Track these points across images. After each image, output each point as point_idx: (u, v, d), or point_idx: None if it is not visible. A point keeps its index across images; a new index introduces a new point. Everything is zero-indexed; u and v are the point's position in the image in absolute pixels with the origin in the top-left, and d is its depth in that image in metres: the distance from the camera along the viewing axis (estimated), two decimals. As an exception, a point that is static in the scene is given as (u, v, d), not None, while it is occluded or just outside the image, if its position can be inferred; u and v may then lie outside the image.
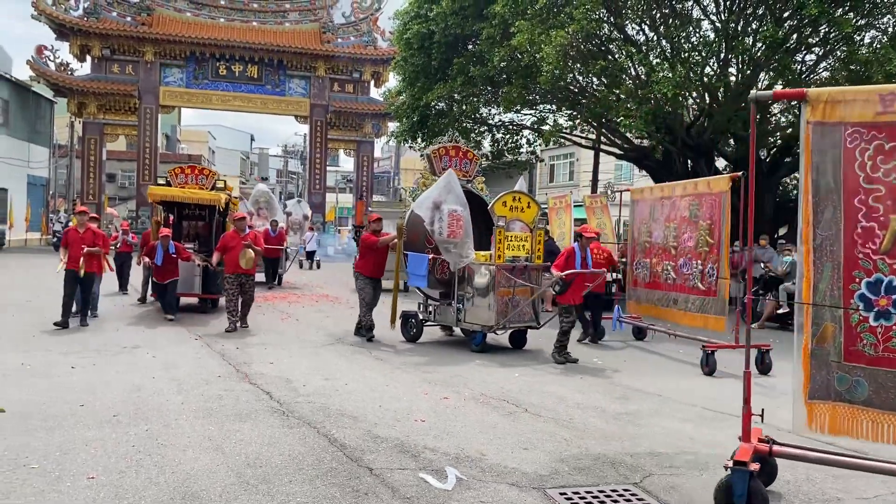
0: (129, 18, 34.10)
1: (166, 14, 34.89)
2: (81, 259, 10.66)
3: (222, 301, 13.14)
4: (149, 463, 4.91)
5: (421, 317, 10.83)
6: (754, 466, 4.26)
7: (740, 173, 10.04)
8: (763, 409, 4.88)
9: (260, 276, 16.84)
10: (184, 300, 13.28)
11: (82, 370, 7.85)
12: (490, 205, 10.00)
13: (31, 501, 4.22)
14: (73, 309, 10.96)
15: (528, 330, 10.41)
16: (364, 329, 10.76)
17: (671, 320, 10.53)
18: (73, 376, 7.54)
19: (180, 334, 10.61)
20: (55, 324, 10.54)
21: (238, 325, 11.11)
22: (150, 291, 13.82)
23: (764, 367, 9.24)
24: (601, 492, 4.69)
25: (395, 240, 10.60)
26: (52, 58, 33.36)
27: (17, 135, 33.49)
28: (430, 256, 10.47)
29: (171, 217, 14.68)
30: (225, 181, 13.93)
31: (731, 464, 4.26)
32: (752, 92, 4.59)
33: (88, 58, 34.05)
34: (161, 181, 13.47)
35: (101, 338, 10.04)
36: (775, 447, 4.59)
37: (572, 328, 9.48)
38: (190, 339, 10.28)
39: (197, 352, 9.32)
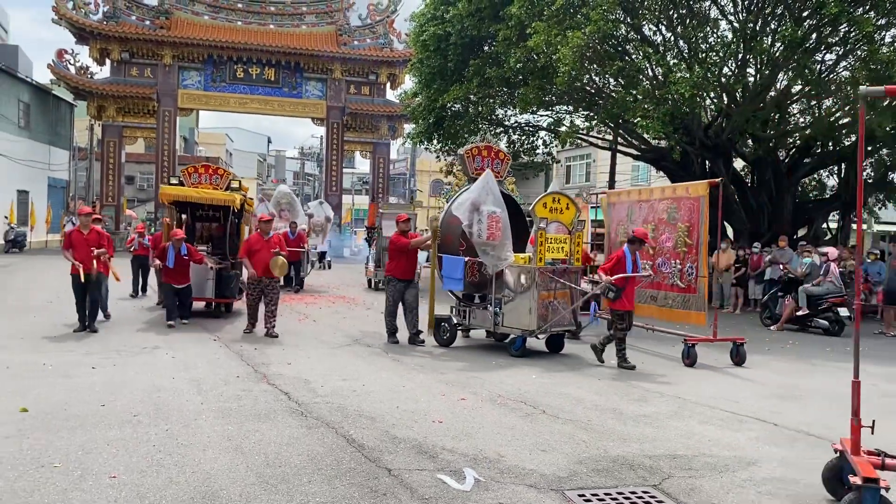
0: (147, 22, 34.41)
1: (184, 17, 35.16)
2: (93, 262, 10.37)
3: (237, 305, 13.16)
4: (169, 462, 4.95)
5: (455, 321, 10.55)
6: (884, 483, 3.96)
7: (719, 180, 11.07)
8: (874, 421, 4.52)
9: None
10: (195, 304, 12.78)
11: (103, 370, 7.92)
12: (531, 206, 9.84)
13: (55, 500, 4.27)
14: (100, 317, 10.99)
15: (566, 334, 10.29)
16: (389, 333, 10.60)
17: (650, 316, 11.11)
18: (94, 376, 7.61)
19: (199, 335, 10.68)
20: (76, 331, 10.40)
21: (254, 327, 10.92)
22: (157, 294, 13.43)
23: (739, 359, 9.74)
24: (620, 494, 4.67)
25: (429, 242, 10.40)
26: (72, 61, 33.70)
27: (38, 138, 33.87)
28: (466, 259, 10.21)
29: (185, 218, 14.25)
30: (240, 181, 13.46)
31: (858, 481, 3.92)
32: (862, 88, 4.49)
33: (108, 61, 34.38)
34: (174, 181, 12.99)
35: (121, 338, 10.13)
36: (888, 460, 4.30)
37: (627, 334, 9.29)
38: (209, 339, 10.35)
39: (215, 352, 9.38)
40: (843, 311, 13.36)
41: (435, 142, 22.83)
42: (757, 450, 5.71)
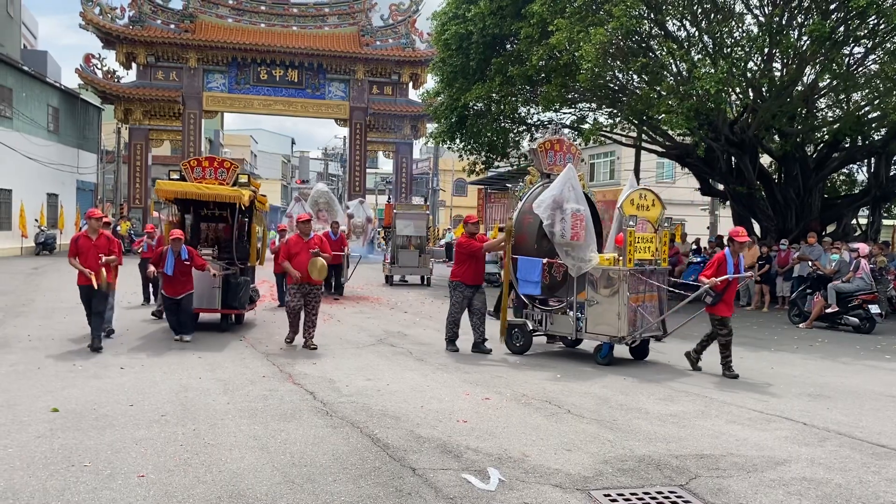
0: (172, 26, 34.81)
1: (208, 21, 35.51)
2: (102, 270, 9.28)
3: (248, 315, 12.20)
4: (196, 462, 5.00)
5: (530, 327, 9.89)
6: None
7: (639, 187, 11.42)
8: None
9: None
10: (200, 318, 11.47)
11: (131, 371, 8.02)
12: (619, 203, 9.22)
13: (85, 499, 4.33)
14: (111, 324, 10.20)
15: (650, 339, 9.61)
16: (448, 341, 10.03)
17: None
18: (123, 377, 7.71)
19: (225, 336, 10.76)
20: (91, 349, 9.24)
21: (295, 337, 10.07)
22: (157, 302, 12.15)
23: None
24: (646, 493, 4.64)
25: (503, 243, 9.80)
26: (99, 66, 34.23)
27: (66, 141, 34.40)
28: (545, 261, 9.53)
29: (187, 217, 12.58)
30: (249, 175, 12.02)
31: None
32: None
33: (134, 65, 34.85)
34: (174, 175, 11.46)
35: (149, 339, 10.25)
36: None
37: (731, 340, 8.72)
38: (234, 340, 10.43)
39: (241, 353, 9.46)
40: (874, 309, 13.14)
41: (457, 141, 22.80)
42: (785, 449, 5.63)
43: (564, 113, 22.29)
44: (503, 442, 5.62)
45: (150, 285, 13.79)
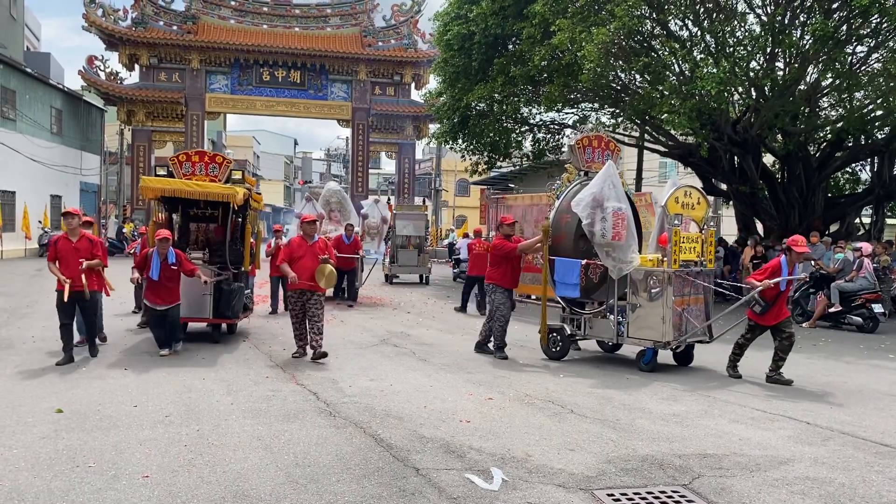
0: (175, 27, 34.88)
1: (211, 22, 35.57)
2: (83, 276, 8.39)
3: (241, 323, 11.31)
4: (200, 462, 5.01)
5: (568, 331, 9.48)
6: None
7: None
8: None
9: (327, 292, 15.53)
10: (190, 326, 10.52)
11: (135, 372, 8.04)
12: (663, 202, 8.85)
13: (90, 499, 4.35)
14: (76, 338, 8.97)
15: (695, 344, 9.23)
16: (498, 347, 9.56)
17: (538, 294, 12.72)
18: (127, 378, 7.73)
19: (229, 336, 10.78)
20: (58, 363, 8.34)
21: (305, 350, 9.20)
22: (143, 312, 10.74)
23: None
24: (649, 493, 4.64)
25: (539, 244, 9.47)
26: (102, 67, 34.30)
27: (69, 143, 34.48)
28: (584, 262, 9.19)
29: (175, 217, 11.60)
30: (243, 171, 10.93)
31: None
32: None
33: (137, 66, 34.92)
34: (161, 171, 10.52)
35: (151, 341, 10.26)
36: None
37: (749, 344, 8.53)
38: (238, 340, 10.45)
39: (245, 353, 9.48)
40: (878, 308, 13.12)
41: (460, 141, 22.82)
42: (789, 449, 5.63)
43: (567, 113, 22.29)
44: (506, 442, 5.63)
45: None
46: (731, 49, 15.66)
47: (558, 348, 9.44)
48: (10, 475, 4.70)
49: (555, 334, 9.48)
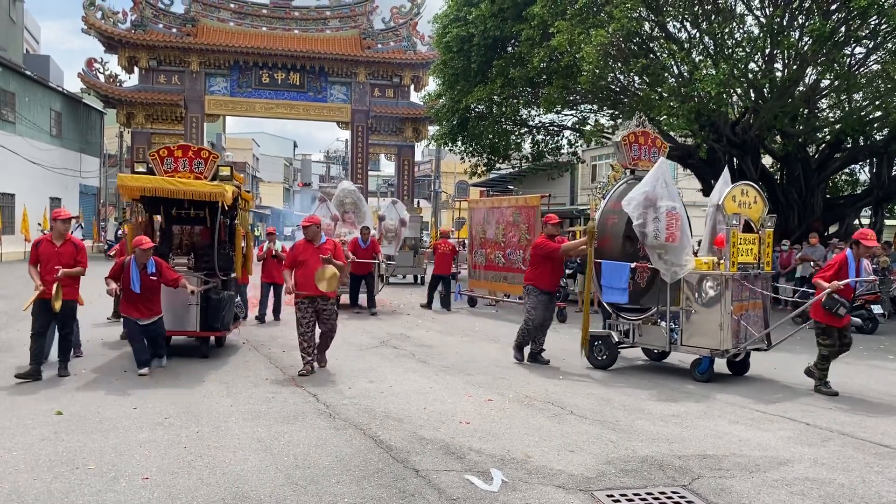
0: (174, 30, 34.87)
1: (210, 24, 35.57)
2: (56, 285, 7.59)
3: (230, 336, 10.32)
4: (200, 464, 5.01)
5: (615, 339, 9.01)
6: None
7: (548, 194, 12.85)
8: None
9: (343, 299, 14.59)
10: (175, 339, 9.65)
11: (134, 374, 8.03)
12: (720, 200, 8.42)
13: (90, 501, 4.35)
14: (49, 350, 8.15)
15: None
16: (536, 353, 9.26)
17: (502, 290, 15.50)
18: (126, 380, 7.73)
19: (228, 339, 10.76)
20: (20, 376, 7.55)
21: (315, 365, 8.45)
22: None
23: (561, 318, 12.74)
24: (649, 494, 4.64)
25: (584, 246, 8.98)
26: (101, 70, 34.26)
27: (69, 146, 34.48)
28: (633, 265, 8.74)
29: (158, 220, 10.52)
30: (231, 167, 9.91)
31: None
32: None
33: (136, 69, 34.90)
34: (140, 168, 9.45)
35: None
36: None
37: (834, 353, 7.83)
38: (238, 343, 10.45)
39: (245, 355, 9.48)
40: (877, 309, 13.13)
41: (459, 143, 22.84)
42: (788, 449, 5.63)
43: (566, 115, 22.31)
44: (506, 443, 5.63)
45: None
46: (730, 50, 15.69)
47: (604, 357, 8.95)
48: (10, 477, 4.70)
49: (600, 342, 9.01)
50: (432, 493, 4.55)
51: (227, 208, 9.53)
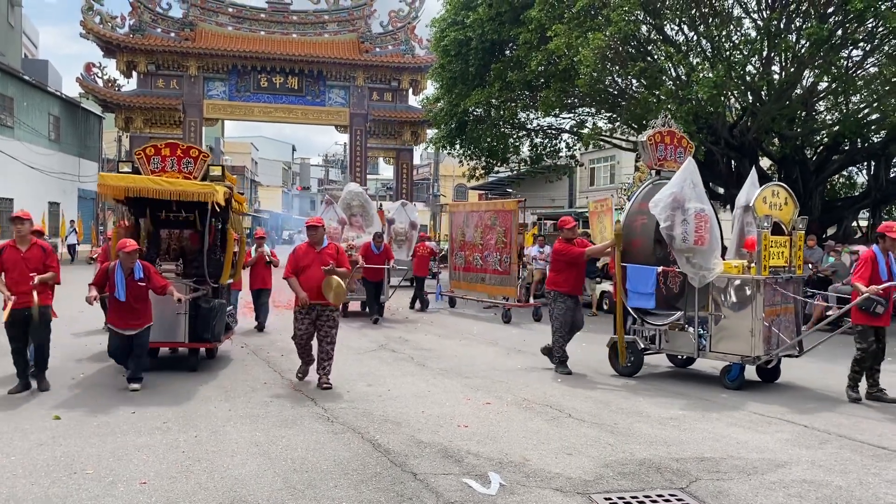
0: (172, 34, 34.90)
1: (208, 29, 35.60)
2: (34, 292, 7.16)
3: (223, 347, 9.76)
4: (198, 468, 5.01)
5: (641, 345, 8.79)
6: None
7: (524, 199, 13.30)
8: None
9: (354, 305, 14.66)
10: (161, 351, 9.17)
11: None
12: (750, 201, 8.12)
13: (87, 506, 4.35)
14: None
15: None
16: (558, 361, 8.92)
17: (480, 291, 15.97)
18: (124, 384, 7.72)
19: (226, 343, 10.75)
20: (12, 392, 7.18)
21: (307, 372, 8.10)
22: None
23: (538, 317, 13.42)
24: (647, 497, 4.65)
25: (609, 249, 8.85)
26: (100, 74, 34.29)
27: (67, 150, 34.48)
28: (660, 269, 8.47)
29: (144, 222, 9.67)
30: (223, 166, 9.34)
31: None
32: None
33: (134, 73, 34.91)
34: (125, 168, 8.87)
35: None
36: None
37: (867, 356, 7.53)
38: (236, 347, 10.45)
39: (244, 360, 9.48)
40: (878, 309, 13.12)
41: (457, 146, 22.84)
42: (786, 452, 5.64)
43: (564, 118, 22.31)
44: (504, 446, 5.64)
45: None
46: (728, 53, 15.71)
47: (630, 363, 8.72)
48: (8, 482, 4.70)
49: (625, 348, 8.73)
50: (430, 496, 4.56)
51: (218, 210, 8.91)
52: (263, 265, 12.43)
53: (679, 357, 9.13)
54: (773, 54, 16.04)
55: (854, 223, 21.25)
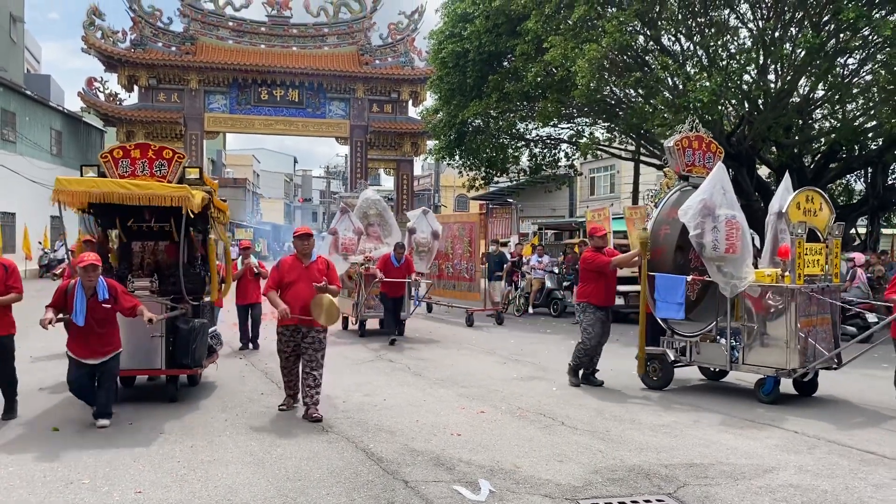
0: (173, 48, 35.19)
1: (209, 42, 35.89)
2: None
3: (207, 371, 8.63)
4: (193, 477, 5.09)
5: (671, 357, 8.47)
6: None
7: (483, 211, 13.27)
8: None
9: (372, 324, 13.49)
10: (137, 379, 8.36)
11: (130, 390, 8.10)
12: (783, 207, 7.91)
13: (82, 515, 4.42)
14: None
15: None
16: (571, 369, 8.75)
17: (451, 297, 17.63)
18: (122, 394, 7.79)
19: (224, 352, 10.81)
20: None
21: (295, 399, 7.29)
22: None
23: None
24: (634, 502, 4.71)
25: (636, 258, 8.57)
26: (101, 89, 34.57)
27: (69, 164, 34.62)
28: (689, 278, 8.22)
29: (113, 234, 8.58)
30: (201, 168, 8.16)
31: None
32: None
33: (136, 87, 35.20)
34: (90, 173, 7.82)
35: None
36: None
37: None
38: (234, 357, 10.52)
39: (241, 370, 9.55)
40: (871, 317, 13.16)
41: (457, 157, 22.97)
42: (774, 457, 5.70)
43: (562, 128, 22.45)
44: (496, 454, 5.70)
45: None
46: (724, 62, 15.83)
47: (658, 377, 8.44)
48: (5, 493, 4.78)
49: (655, 361, 8.47)
50: (420, 503, 4.62)
51: (195, 217, 7.64)
52: (251, 278, 11.44)
53: (711, 369, 8.86)
54: (769, 63, 16.16)
55: (852, 230, 21.30)
